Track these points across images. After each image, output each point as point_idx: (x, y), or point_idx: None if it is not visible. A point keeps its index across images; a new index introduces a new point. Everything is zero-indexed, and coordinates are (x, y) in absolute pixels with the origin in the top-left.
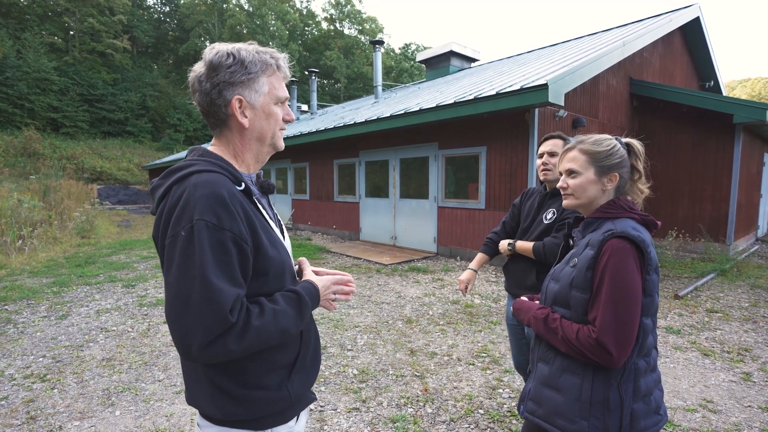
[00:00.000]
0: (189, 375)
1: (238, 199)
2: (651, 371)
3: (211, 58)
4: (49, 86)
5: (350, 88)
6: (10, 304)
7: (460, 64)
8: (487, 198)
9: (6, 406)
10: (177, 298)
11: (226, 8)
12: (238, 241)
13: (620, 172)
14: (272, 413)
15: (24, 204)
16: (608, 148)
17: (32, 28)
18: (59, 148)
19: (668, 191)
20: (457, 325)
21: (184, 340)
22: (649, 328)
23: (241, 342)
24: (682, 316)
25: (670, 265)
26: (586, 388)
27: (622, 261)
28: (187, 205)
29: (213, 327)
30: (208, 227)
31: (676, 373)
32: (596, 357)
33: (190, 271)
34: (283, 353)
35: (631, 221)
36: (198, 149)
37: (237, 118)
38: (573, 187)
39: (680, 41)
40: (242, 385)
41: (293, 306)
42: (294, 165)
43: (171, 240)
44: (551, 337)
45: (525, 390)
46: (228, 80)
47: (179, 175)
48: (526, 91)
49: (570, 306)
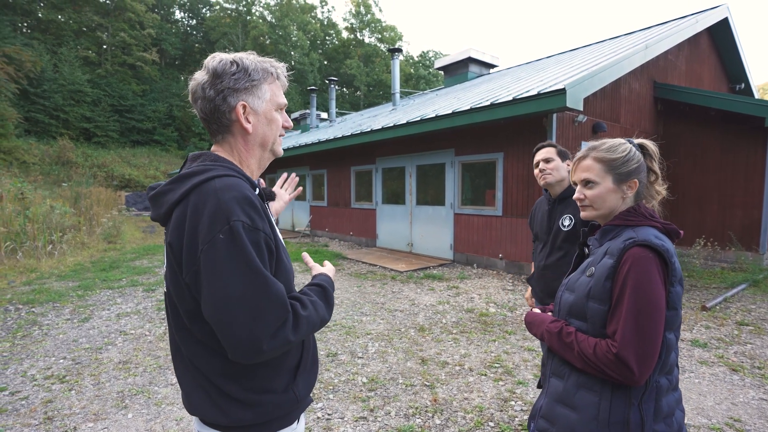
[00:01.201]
0: (189, 383)
1: (258, 201)
2: (673, 390)
3: (215, 65)
4: (83, 98)
5: (370, 95)
6: (37, 306)
7: (478, 70)
8: (504, 205)
9: (26, 406)
10: (231, 299)
11: (249, 20)
12: (269, 242)
13: (639, 178)
14: (279, 416)
15: (56, 210)
16: (624, 153)
17: (68, 42)
18: (91, 156)
19: (695, 197)
20: (470, 334)
21: (251, 338)
22: (673, 344)
23: (297, 332)
24: (709, 328)
25: (698, 275)
26: (604, 407)
27: (645, 271)
28: (219, 208)
29: (276, 318)
30: (245, 228)
31: (701, 389)
32: (616, 374)
33: (240, 269)
34: (287, 356)
35: (653, 230)
36: (209, 155)
37: (241, 123)
38: (591, 198)
39: (708, 43)
40: (251, 389)
41: (322, 298)
42: (312, 172)
43: (209, 245)
44: (566, 352)
45: (536, 406)
46: (232, 87)
47: (198, 179)
48: (543, 96)
49: (586, 318)
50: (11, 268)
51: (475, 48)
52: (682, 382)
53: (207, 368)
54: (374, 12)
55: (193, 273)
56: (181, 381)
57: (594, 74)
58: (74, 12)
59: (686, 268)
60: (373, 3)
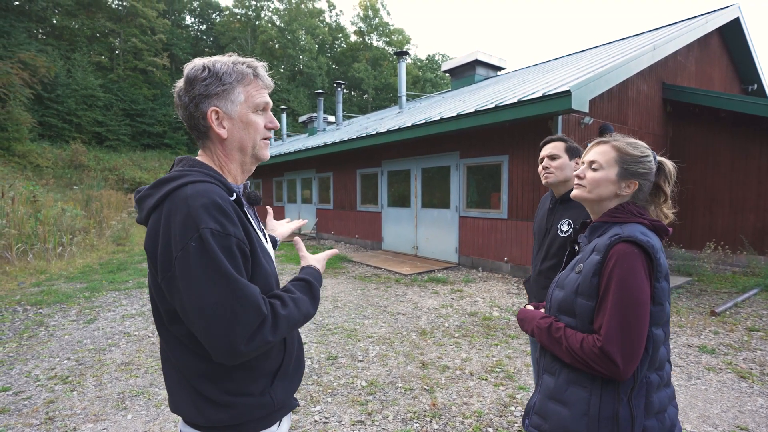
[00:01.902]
0: (172, 383)
1: (232, 206)
2: (665, 386)
3: (188, 72)
4: (95, 102)
5: (377, 99)
6: (44, 307)
7: (485, 73)
8: (510, 207)
9: (28, 406)
10: (208, 307)
11: (258, 25)
12: (241, 246)
13: (642, 183)
14: (254, 419)
15: (67, 213)
16: (641, 154)
17: (81, 48)
18: (102, 160)
19: (706, 200)
20: (472, 338)
21: (228, 342)
22: (661, 339)
23: (275, 332)
24: (718, 334)
25: (708, 279)
26: (594, 402)
27: (630, 266)
28: (189, 216)
29: (251, 322)
30: (214, 234)
31: (708, 396)
32: (601, 368)
33: (212, 276)
34: (267, 361)
35: (640, 226)
36: (188, 159)
37: (214, 129)
38: (588, 180)
39: (718, 43)
40: (227, 391)
41: (307, 293)
42: (319, 175)
43: (182, 253)
44: (555, 347)
45: (530, 403)
46: (203, 93)
47: (172, 186)
48: (548, 98)
49: (575, 314)
50: (22, 270)
51: (482, 50)
52: (687, 388)
53: (186, 368)
54: (382, 15)
55: (168, 278)
56: (165, 379)
57: (600, 76)
58: (87, 18)
59: (696, 271)
60: (381, 6)
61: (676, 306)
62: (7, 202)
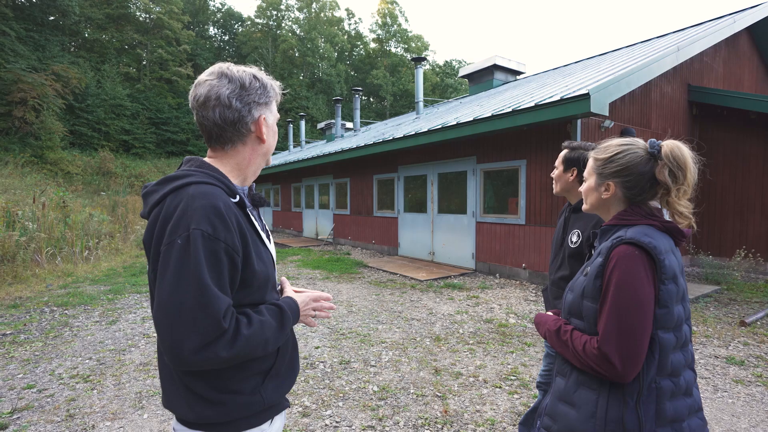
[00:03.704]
0: (166, 379)
1: (233, 211)
2: (683, 395)
3: (241, 76)
4: (123, 111)
5: (396, 105)
6: (69, 309)
7: (504, 77)
8: (528, 213)
9: (51, 403)
10: (171, 304)
11: (279, 34)
12: (230, 252)
13: (618, 181)
14: (244, 417)
15: (94, 218)
16: (609, 155)
17: (110, 60)
18: (129, 167)
19: (736, 206)
20: (487, 345)
21: (176, 345)
22: (671, 344)
23: (230, 349)
24: (747, 345)
25: (738, 288)
26: (601, 405)
27: (629, 269)
28: (185, 214)
29: (207, 332)
30: (204, 236)
31: (735, 410)
32: (601, 369)
33: (186, 277)
34: (259, 361)
35: (647, 227)
36: (195, 160)
37: (260, 134)
38: (582, 193)
39: (748, 43)
40: (216, 388)
41: (276, 319)
42: (336, 180)
43: (167, 247)
44: (564, 350)
45: (542, 404)
46: (257, 100)
47: (176, 184)
48: (566, 101)
49: (583, 317)
50: (50, 272)
51: (500, 55)
52: (713, 401)
53: None
54: (400, 22)
55: (152, 270)
56: (160, 375)
57: (620, 78)
58: (117, 31)
59: (725, 280)
60: (399, 14)
61: (703, 315)
62: (39, 207)
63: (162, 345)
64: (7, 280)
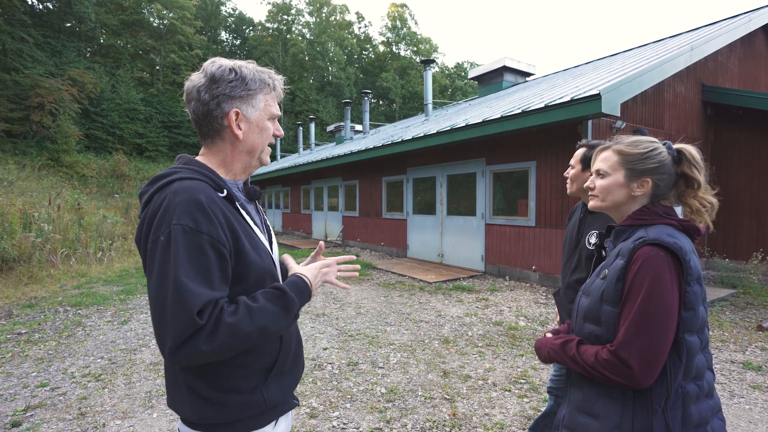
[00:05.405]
0: (170, 379)
1: (218, 204)
2: (705, 397)
3: (213, 70)
4: (137, 115)
5: (405, 107)
6: (83, 309)
7: (513, 79)
8: (538, 215)
9: (63, 401)
10: (155, 301)
11: (289, 38)
12: (216, 245)
13: (655, 179)
14: (246, 417)
15: (108, 220)
16: (645, 150)
17: (125, 65)
18: (142, 169)
19: (753, 208)
20: (497, 348)
21: (160, 342)
22: (696, 347)
23: (211, 342)
24: (765, 350)
25: (755, 292)
26: (626, 415)
27: (655, 271)
28: (167, 211)
29: (183, 329)
30: (185, 231)
31: (752, 417)
32: (615, 375)
33: (165, 273)
34: (259, 358)
35: (668, 227)
36: (183, 157)
37: (232, 129)
38: (598, 189)
39: (764, 42)
40: (217, 388)
41: (276, 303)
42: (345, 183)
43: (152, 245)
44: (573, 364)
45: (558, 417)
46: (228, 93)
47: (162, 182)
48: (576, 102)
49: (601, 322)
50: (65, 273)
51: (510, 56)
52: (729, 407)
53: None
54: (410, 25)
55: (143, 267)
56: (165, 375)
57: (632, 78)
58: (131, 37)
59: (741, 283)
60: (409, 16)
61: (719, 319)
62: (54, 209)
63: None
64: (23, 281)
